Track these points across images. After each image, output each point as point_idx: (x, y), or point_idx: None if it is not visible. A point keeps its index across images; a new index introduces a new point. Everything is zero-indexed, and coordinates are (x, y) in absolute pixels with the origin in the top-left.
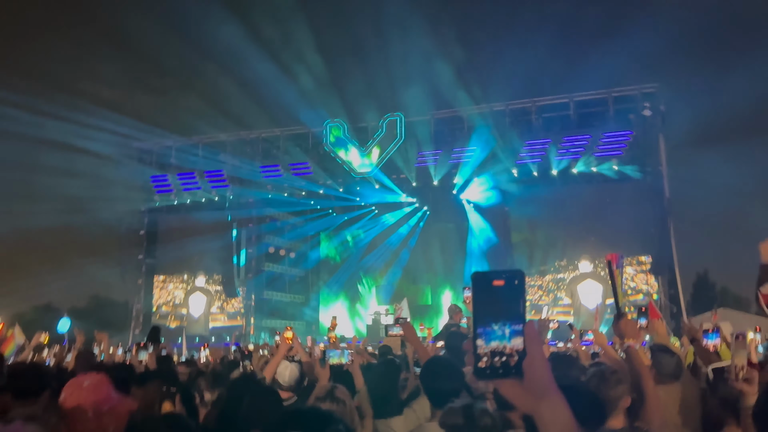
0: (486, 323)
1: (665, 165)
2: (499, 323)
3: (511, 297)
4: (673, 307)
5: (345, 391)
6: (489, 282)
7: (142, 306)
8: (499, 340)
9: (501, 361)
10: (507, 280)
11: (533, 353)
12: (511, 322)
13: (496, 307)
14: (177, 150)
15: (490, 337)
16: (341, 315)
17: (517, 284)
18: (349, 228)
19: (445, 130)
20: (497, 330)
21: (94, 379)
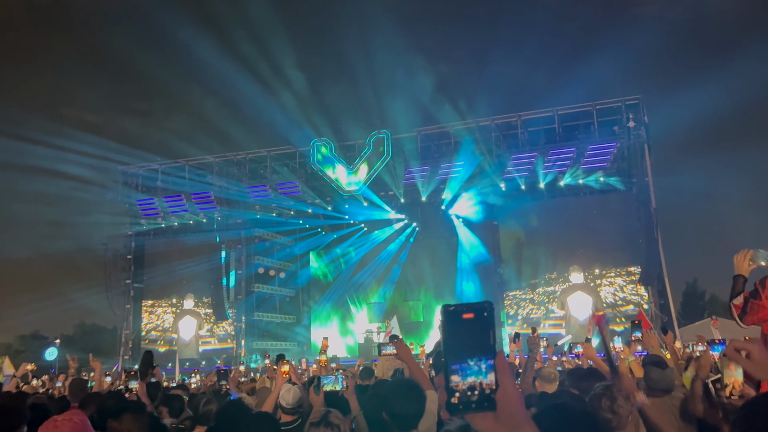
0: (457, 358)
1: (651, 175)
2: (472, 358)
3: (481, 330)
4: (663, 316)
5: (339, 415)
6: (458, 315)
7: (131, 331)
8: (470, 375)
9: (473, 395)
10: (476, 313)
11: (505, 385)
12: (482, 356)
13: (467, 340)
14: (163, 172)
15: (460, 371)
16: (333, 334)
17: (487, 316)
18: (339, 246)
19: (432, 146)
20: (469, 365)
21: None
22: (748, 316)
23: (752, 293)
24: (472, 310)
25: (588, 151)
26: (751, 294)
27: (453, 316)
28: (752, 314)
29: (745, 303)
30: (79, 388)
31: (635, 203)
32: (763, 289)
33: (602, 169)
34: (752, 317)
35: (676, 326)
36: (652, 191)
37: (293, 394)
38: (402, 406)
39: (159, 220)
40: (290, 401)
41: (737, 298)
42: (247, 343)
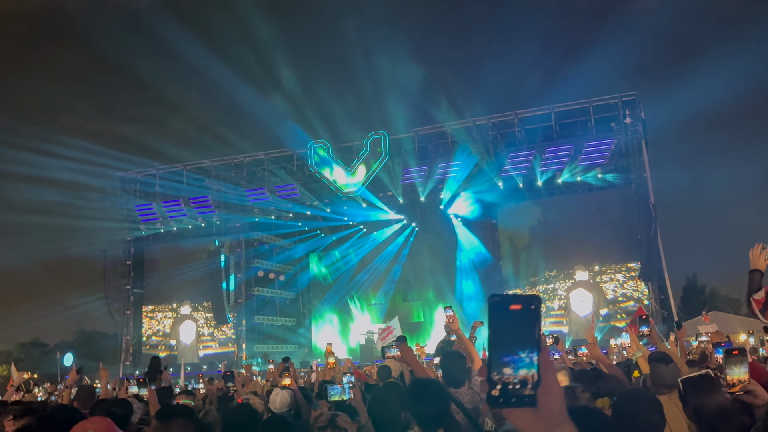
0: (502, 350)
1: (649, 171)
2: (516, 350)
3: (527, 323)
4: (663, 312)
5: (347, 419)
6: (506, 306)
7: (131, 337)
8: (513, 368)
9: (515, 389)
10: (524, 305)
11: (548, 382)
12: (527, 350)
13: (512, 333)
14: (161, 178)
15: (504, 364)
16: (334, 335)
17: (534, 309)
18: (338, 248)
19: (430, 146)
20: (513, 357)
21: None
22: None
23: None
24: (520, 301)
25: (585, 148)
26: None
27: (500, 307)
28: None
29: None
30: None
31: (634, 199)
32: None
33: (600, 165)
34: None
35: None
36: (651, 187)
37: (281, 399)
38: (427, 406)
39: (158, 225)
40: (278, 406)
41: (758, 293)
42: (248, 347)
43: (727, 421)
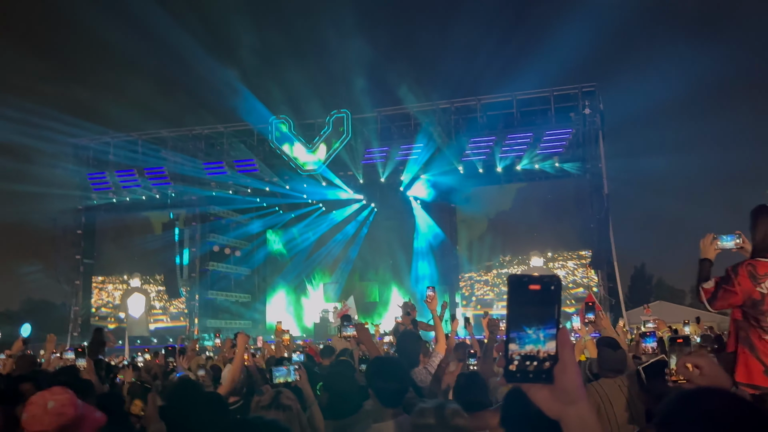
0: (520, 327)
1: (604, 162)
2: (533, 327)
3: (547, 302)
4: (611, 299)
5: (290, 395)
6: (525, 286)
7: (80, 308)
8: (532, 344)
9: (533, 365)
10: (543, 285)
11: (565, 359)
12: (545, 327)
13: (531, 311)
14: (115, 146)
15: (523, 340)
16: (289, 313)
17: (554, 289)
18: (296, 225)
19: (392, 127)
20: (531, 334)
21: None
22: (718, 301)
23: (724, 279)
24: (539, 281)
25: (545, 137)
26: (723, 279)
27: (520, 286)
28: (722, 299)
29: (717, 288)
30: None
31: (588, 189)
32: (735, 275)
33: (558, 154)
34: (722, 302)
35: (624, 309)
36: (605, 178)
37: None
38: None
39: (110, 195)
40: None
41: (707, 282)
42: (200, 322)
43: None
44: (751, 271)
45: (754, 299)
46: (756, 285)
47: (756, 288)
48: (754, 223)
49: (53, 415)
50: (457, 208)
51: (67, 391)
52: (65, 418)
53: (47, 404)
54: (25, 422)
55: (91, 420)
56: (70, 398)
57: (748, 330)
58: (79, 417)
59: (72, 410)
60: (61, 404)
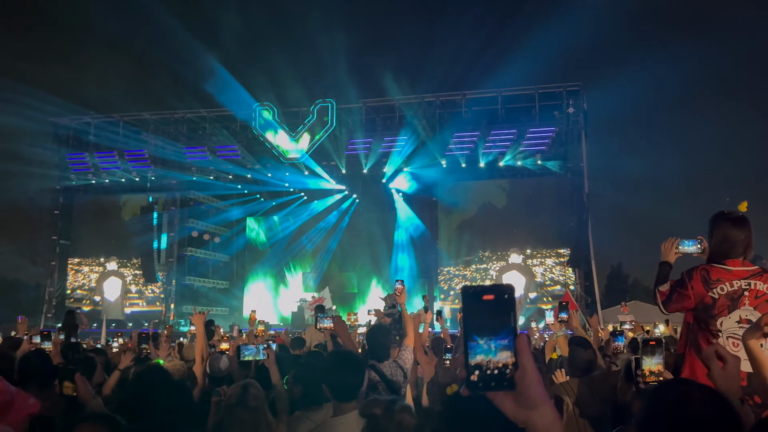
0: (477, 337)
1: (586, 161)
2: (491, 337)
3: (502, 311)
4: (588, 297)
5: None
6: (479, 297)
7: (55, 289)
8: (491, 354)
9: (493, 374)
10: (497, 295)
11: (525, 365)
12: (502, 336)
13: (487, 321)
14: (96, 127)
15: (480, 350)
16: (266, 302)
17: (507, 298)
18: (277, 214)
19: (377, 118)
20: (489, 344)
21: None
22: (672, 304)
23: (678, 282)
24: (492, 291)
25: (528, 134)
26: (678, 283)
27: (473, 298)
28: (676, 302)
29: (671, 291)
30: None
31: (569, 188)
32: (689, 279)
33: (540, 152)
34: (676, 305)
35: (600, 308)
36: (586, 177)
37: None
38: (344, 377)
39: (89, 177)
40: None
41: (663, 285)
42: (177, 307)
43: None
44: (705, 276)
45: (705, 303)
46: (708, 290)
47: (708, 293)
48: (711, 229)
49: None
50: (438, 202)
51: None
52: None
53: None
54: None
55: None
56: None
57: (696, 333)
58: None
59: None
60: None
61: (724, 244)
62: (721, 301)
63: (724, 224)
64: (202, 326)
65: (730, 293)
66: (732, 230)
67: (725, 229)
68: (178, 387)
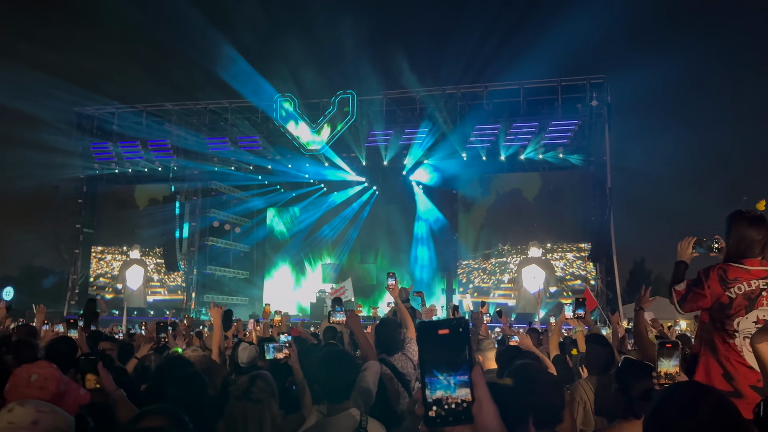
0: (433, 373)
1: (609, 155)
2: (447, 373)
3: (457, 345)
4: (609, 293)
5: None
6: (434, 331)
7: (78, 277)
8: (447, 390)
9: (451, 409)
10: (452, 329)
11: (481, 398)
12: (458, 371)
13: (443, 356)
14: (119, 117)
15: (438, 386)
16: (286, 292)
17: (462, 332)
18: (297, 204)
19: (398, 110)
20: (444, 379)
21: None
22: (688, 303)
23: (695, 281)
24: (447, 326)
25: (550, 127)
26: (694, 282)
27: (428, 332)
28: (692, 302)
29: (687, 290)
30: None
31: (591, 181)
32: (706, 278)
33: (562, 145)
34: (691, 304)
35: (621, 303)
36: (609, 170)
37: (248, 353)
38: (332, 377)
39: (113, 166)
40: (245, 360)
41: (679, 284)
42: (198, 296)
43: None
44: (722, 275)
45: (722, 303)
46: (725, 289)
47: (725, 292)
48: (729, 228)
49: (34, 389)
50: (458, 194)
51: (52, 366)
52: (46, 393)
53: (30, 377)
54: (6, 392)
55: (74, 397)
56: (54, 373)
57: (712, 333)
58: (60, 393)
59: (54, 385)
60: (43, 378)
61: (742, 244)
62: (738, 300)
63: (741, 223)
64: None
65: (748, 293)
66: (749, 229)
67: (742, 228)
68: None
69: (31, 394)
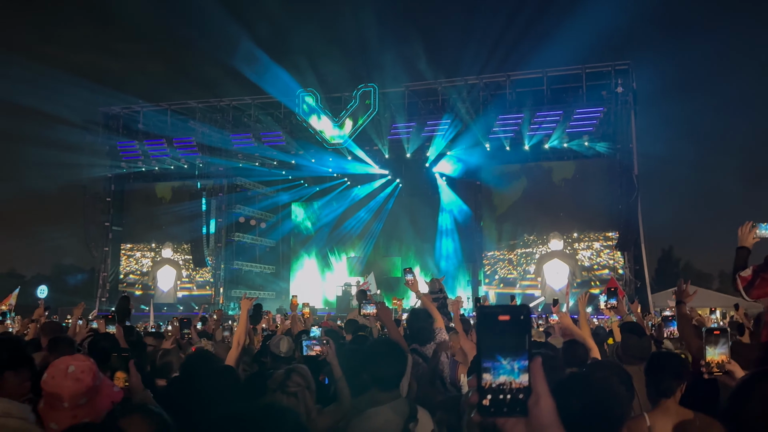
0: (491, 357)
1: (635, 142)
2: (505, 358)
3: (517, 332)
4: (637, 282)
5: (300, 380)
6: (494, 317)
7: (108, 274)
8: (506, 375)
9: (506, 399)
10: (513, 315)
11: (538, 390)
12: (517, 358)
13: (502, 343)
14: (145, 116)
15: (497, 371)
16: (311, 286)
17: (523, 319)
18: (322, 199)
19: (420, 102)
20: (503, 365)
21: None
22: (754, 290)
23: (762, 267)
24: (508, 312)
25: (575, 115)
26: (761, 267)
27: (489, 318)
28: (760, 288)
29: (754, 276)
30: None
31: (618, 169)
32: None
33: (588, 133)
34: (759, 291)
35: (650, 292)
36: (636, 158)
37: (288, 344)
38: (385, 366)
39: (139, 164)
40: (285, 351)
41: (745, 271)
42: (225, 291)
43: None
44: None
45: None
46: None
47: None
48: None
49: (71, 380)
50: (482, 185)
51: (89, 359)
52: (82, 385)
53: (68, 368)
54: (43, 382)
55: (108, 394)
56: (90, 366)
57: None
58: (95, 387)
59: (90, 378)
60: (80, 370)
61: None
62: None
63: None
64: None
65: None
66: None
67: None
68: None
69: (68, 385)
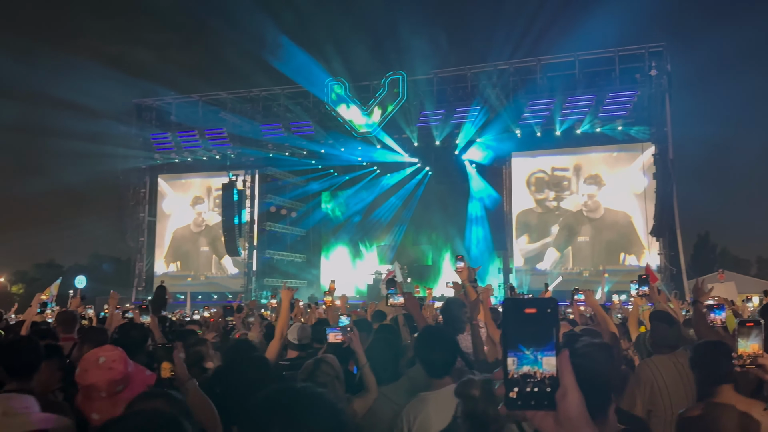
0: (519, 347)
1: (670, 126)
2: (531, 349)
3: (545, 325)
4: (672, 268)
5: (329, 370)
6: (521, 310)
7: (145, 264)
8: (531, 365)
9: (533, 391)
10: (539, 308)
11: (566, 384)
12: (544, 349)
13: (529, 335)
14: (177, 107)
15: (521, 361)
16: (342, 274)
17: (550, 312)
18: (351, 188)
19: (449, 89)
20: (531, 354)
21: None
22: None
23: None
24: (535, 305)
25: (608, 99)
26: None
27: (515, 310)
28: None
29: None
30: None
31: (652, 154)
32: None
33: (621, 117)
34: None
35: (686, 278)
36: (671, 142)
37: (299, 330)
38: (435, 353)
39: (172, 155)
40: (295, 337)
41: None
42: (258, 280)
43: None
44: None
45: None
46: None
47: None
48: None
49: (103, 370)
50: (512, 172)
51: (118, 348)
52: (114, 374)
53: (98, 359)
54: (77, 375)
55: (140, 379)
56: (120, 355)
57: None
58: (128, 374)
59: (121, 367)
60: (111, 360)
61: None
62: None
63: None
64: (287, 302)
65: None
66: None
67: None
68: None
69: (102, 375)
